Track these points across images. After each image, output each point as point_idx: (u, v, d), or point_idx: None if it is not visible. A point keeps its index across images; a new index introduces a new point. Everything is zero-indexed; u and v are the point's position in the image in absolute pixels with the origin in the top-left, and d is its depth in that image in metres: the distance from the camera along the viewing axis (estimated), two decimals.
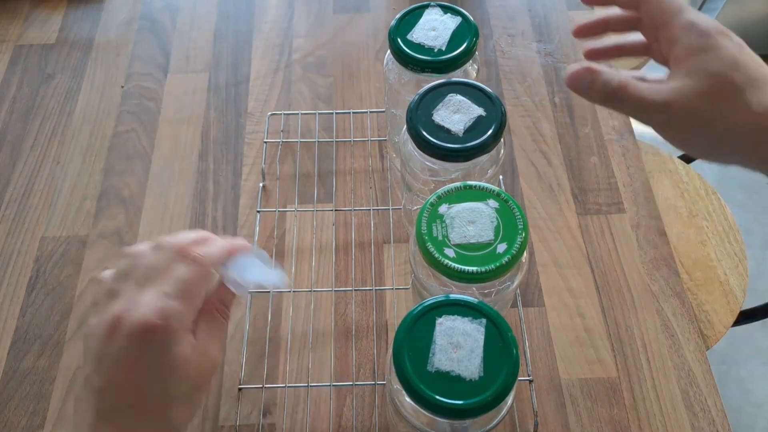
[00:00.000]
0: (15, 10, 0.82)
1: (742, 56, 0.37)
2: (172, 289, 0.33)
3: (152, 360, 0.32)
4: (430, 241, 0.38)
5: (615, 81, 0.37)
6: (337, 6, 0.82)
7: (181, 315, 0.33)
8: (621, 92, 0.37)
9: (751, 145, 0.36)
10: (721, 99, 0.36)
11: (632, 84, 0.37)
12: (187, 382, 0.33)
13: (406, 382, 0.33)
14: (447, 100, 0.43)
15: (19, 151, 0.69)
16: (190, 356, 0.33)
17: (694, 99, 0.36)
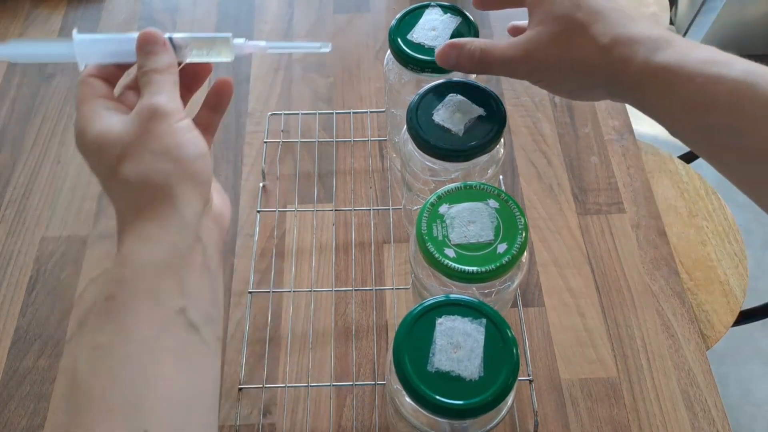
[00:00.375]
0: (15, 10, 0.82)
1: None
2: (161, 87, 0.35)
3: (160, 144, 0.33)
4: (431, 241, 0.38)
5: (477, 49, 0.40)
6: (337, 6, 0.82)
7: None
8: (485, 57, 0.40)
9: (607, 77, 0.37)
10: (569, 39, 0.38)
11: (492, 47, 0.40)
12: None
13: (406, 382, 0.33)
14: (447, 100, 0.43)
15: (19, 151, 0.69)
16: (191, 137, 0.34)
17: (548, 44, 0.38)
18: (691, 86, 0.33)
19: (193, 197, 0.33)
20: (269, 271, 0.60)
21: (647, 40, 0.36)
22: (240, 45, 0.39)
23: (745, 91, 0.31)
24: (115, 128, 0.33)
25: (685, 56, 0.34)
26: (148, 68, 0.35)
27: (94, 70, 0.36)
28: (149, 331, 0.30)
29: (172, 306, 0.31)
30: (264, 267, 0.60)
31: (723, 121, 0.32)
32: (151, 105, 0.33)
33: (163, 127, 0.33)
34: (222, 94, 0.40)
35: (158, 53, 0.36)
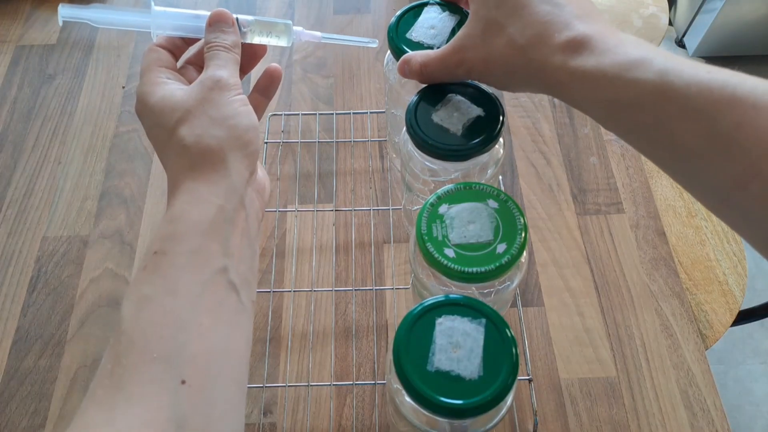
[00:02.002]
0: (16, 11, 0.82)
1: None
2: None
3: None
4: (430, 241, 0.38)
5: (416, 63, 0.42)
6: (337, 6, 0.82)
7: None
8: (425, 68, 0.41)
9: (528, 77, 0.37)
10: (489, 39, 0.38)
11: (431, 57, 0.41)
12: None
13: (406, 382, 0.34)
14: (446, 100, 0.43)
15: (20, 151, 0.69)
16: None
17: (473, 45, 0.38)
18: (611, 90, 0.33)
19: (241, 165, 0.35)
20: (270, 271, 0.60)
21: (564, 43, 0.35)
22: (298, 32, 0.43)
23: (662, 93, 0.30)
24: (178, 94, 0.36)
25: (601, 61, 0.33)
26: (216, 44, 0.38)
27: (162, 40, 0.40)
28: (193, 286, 0.31)
29: (216, 265, 0.32)
30: (264, 267, 0.60)
31: (649, 122, 0.32)
32: (215, 76, 0.36)
33: (223, 97, 0.35)
34: (273, 80, 0.43)
35: (227, 32, 0.39)
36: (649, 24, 1.20)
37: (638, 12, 1.23)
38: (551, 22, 0.35)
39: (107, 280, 0.60)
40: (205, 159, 0.34)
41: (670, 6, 1.39)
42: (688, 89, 0.29)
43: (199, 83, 0.36)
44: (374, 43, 0.45)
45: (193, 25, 0.40)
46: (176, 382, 0.28)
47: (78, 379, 0.55)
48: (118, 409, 0.27)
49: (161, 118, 0.35)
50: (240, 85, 0.37)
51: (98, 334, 0.57)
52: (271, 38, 0.42)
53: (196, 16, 0.40)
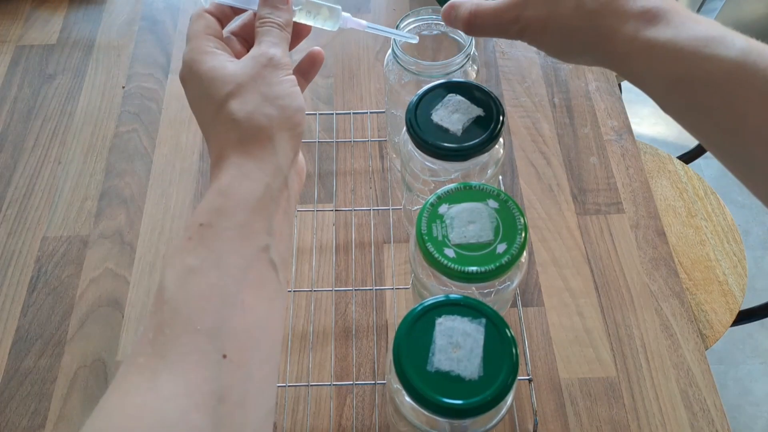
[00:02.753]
0: (16, 11, 0.82)
1: None
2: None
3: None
4: (430, 241, 0.38)
5: (465, 11, 0.39)
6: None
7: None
8: (473, 19, 0.39)
9: (593, 44, 0.35)
10: (558, 1, 0.35)
11: (481, 8, 0.38)
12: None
13: (406, 382, 0.34)
14: (446, 100, 0.43)
15: (20, 151, 0.69)
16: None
17: (538, 3, 0.36)
18: (683, 65, 0.31)
19: (288, 145, 0.35)
20: None
21: (639, 12, 0.33)
22: (345, 18, 0.42)
23: (742, 72, 0.29)
24: (230, 67, 0.35)
25: (677, 34, 0.32)
26: (270, 21, 0.37)
27: (211, 7, 0.39)
28: (238, 261, 0.31)
29: (260, 242, 0.32)
30: None
31: (716, 102, 0.30)
32: (268, 53, 0.35)
33: (275, 76, 0.35)
34: (315, 62, 0.42)
35: (281, 8, 0.38)
36: None
37: None
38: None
39: (107, 280, 0.60)
40: (254, 136, 0.34)
41: None
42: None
43: (252, 59, 0.35)
44: (415, 40, 0.44)
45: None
46: (218, 355, 0.29)
47: (78, 379, 0.55)
48: (160, 377, 0.27)
49: (211, 89, 0.35)
50: (291, 65, 0.37)
51: (98, 334, 0.57)
52: (317, 20, 0.41)
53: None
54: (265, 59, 0.35)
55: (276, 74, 0.35)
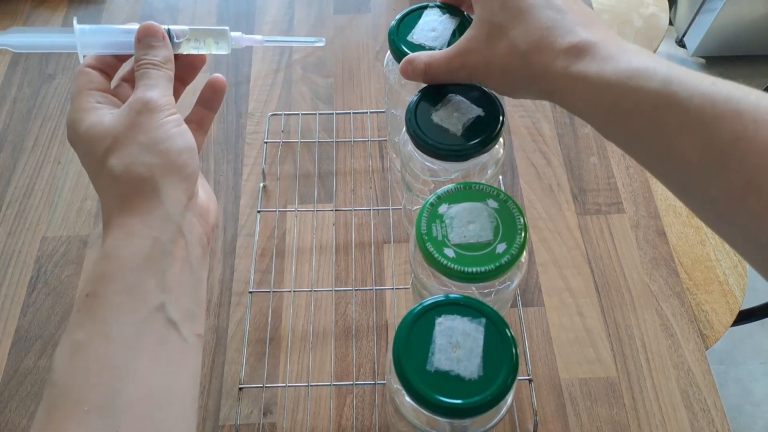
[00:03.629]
0: (16, 11, 0.82)
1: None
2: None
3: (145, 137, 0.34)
4: (430, 241, 0.38)
5: (421, 62, 0.41)
6: (337, 6, 0.82)
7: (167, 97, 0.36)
8: (429, 69, 0.40)
9: (528, 82, 0.36)
10: (492, 43, 0.37)
11: (435, 58, 0.40)
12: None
13: (406, 382, 0.33)
14: (446, 100, 0.43)
15: (20, 151, 0.69)
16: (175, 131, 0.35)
17: (476, 49, 0.38)
18: (611, 97, 0.32)
19: (177, 190, 0.33)
20: (269, 271, 0.60)
21: (567, 48, 0.34)
22: (237, 38, 0.40)
23: (664, 101, 0.30)
24: (106, 121, 0.34)
25: (603, 67, 0.33)
26: (146, 61, 0.36)
27: (92, 60, 0.37)
28: (128, 328, 0.30)
29: (152, 302, 0.31)
30: (264, 267, 0.60)
31: (646, 131, 0.31)
32: (144, 98, 0.34)
33: (153, 120, 0.33)
34: (216, 91, 0.41)
35: (156, 47, 0.37)
36: (649, 24, 1.20)
37: (639, 12, 1.23)
38: (554, 28, 0.35)
39: None
40: (136, 189, 0.32)
41: (670, 6, 1.39)
42: (690, 100, 0.29)
43: (128, 107, 0.34)
44: (321, 42, 0.44)
45: (123, 41, 0.37)
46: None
47: None
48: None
49: (91, 147, 0.33)
50: (173, 104, 0.35)
51: None
52: (208, 46, 0.39)
53: (126, 31, 0.38)
54: (139, 104, 0.34)
55: (154, 118, 0.33)
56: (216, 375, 0.55)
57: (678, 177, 0.31)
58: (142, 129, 0.33)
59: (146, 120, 0.33)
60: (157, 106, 0.34)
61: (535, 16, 0.36)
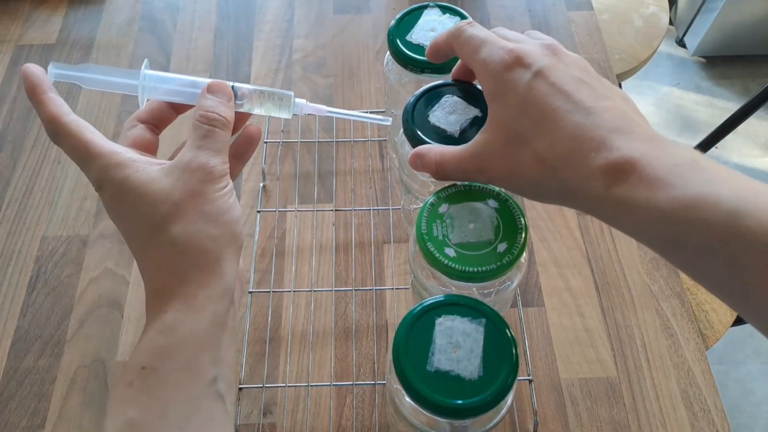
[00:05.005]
0: (16, 11, 0.82)
1: (530, 94, 0.32)
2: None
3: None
4: (431, 241, 0.38)
5: (432, 160, 0.36)
6: (337, 6, 0.82)
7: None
8: (441, 167, 0.36)
9: (561, 198, 0.32)
10: (513, 154, 0.33)
11: (448, 157, 0.36)
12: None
13: (406, 382, 0.33)
14: (443, 101, 0.43)
15: (19, 151, 0.69)
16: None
17: (495, 156, 0.33)
18: (669, 230, 0.27)
19: (234, 260, 0.32)
20: (269, 271, 0.60)
21: (604, 167, 0.29)
22: (300, 104, 0.38)
23: (737, 238, 0.25)
24: (161, 181, 0.31)
25: (654, 195, 0.27)
26: (214, 117, 0.34)
27: (144, 114, 0.36)
28: (183, 407, 0.29)
29: (206, 377, 0.30)
30: (264, 267, 0.60)
31: (718, 265, 0.27)
32: (207, 165, 0.32)
33: (215, 189, 0.32)
34: (252, 142, 0.38)
35: (227, 106, 0.35)
36: (649, 23, 1.20)
37: (639, 11, 1.23)
38: (584, 138, 0.30)
39: (107, 280, 0.60)
40: (199, 260, 0.31)
41: (670, 5, 1.39)
42: (767, 236, 0.25)
43: (188, 171, 0.31)
44: (388, 122, 0.42)
45: (188, 92, 0.36)
46: None
47: (77, 380, 0.55)
48: None
49: (146, 209, 0.31)
50: (228, 168, 0.34)
51: (98, 335, 0.57)
52: (269, 109, 0.38)
53: (191, 82, 0.37)
54: (202, 173, 0.32)
55: (216, 187, 0.32)
56: None
57: (758, 312, 0.27)
58: (207, 199, 0.31)
59: (209, 189, 0.32)
60: (221, 176, 0.32)
61: (560, 124, 0.30)
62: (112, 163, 0.31)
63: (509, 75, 0.33)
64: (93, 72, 0.36)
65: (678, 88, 1.85)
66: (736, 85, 1.84)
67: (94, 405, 0.53)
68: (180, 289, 0.30)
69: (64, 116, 0.33)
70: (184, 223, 0.31)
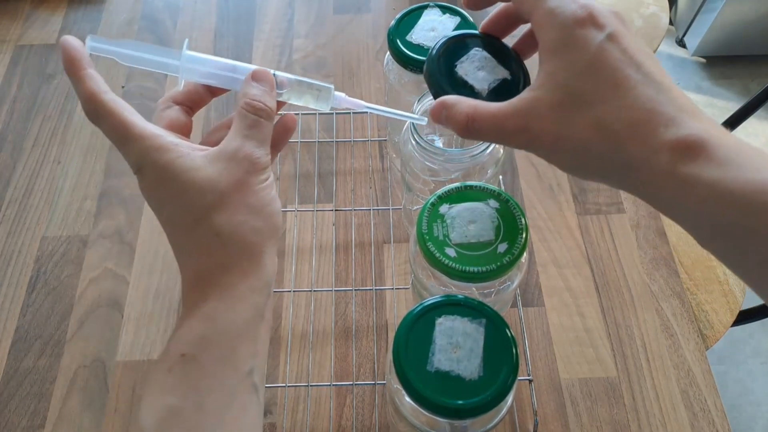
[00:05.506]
0: (16, 11, 0.82)
1: (601, 55, 0.29)
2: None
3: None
4: (431, 241, 0.38)
5: (462, 112, 0.32)
6: (337, 6, 0.82)
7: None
8: (472, 123, 0.32)
9: (618, 171, 0.30)
10: (571, 115, 0.29)
11: (482, 109, 0.32)
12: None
13: (406, 382, 0.33)
14: (472, 54, 0.37)
15: (19, 151, 0.69)
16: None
17: (545, 117, 0.30)
18: (734, 213, 0.26)
19: (274, 254, 0.32)
20: None
21: (675, 141, 0.27)
22: (339, 98, 0.38)
23: None
24: (206, 170, 0.30)
25: (724, 174, 0.26)
26: (260, 106, 0.33)
27: (180, 95, 0.35)
28: (221, 398, 0.29)
29: (244, 369, 0.30)
30: None
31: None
32: (252, 156, 0.31)
33: (259, 180, 0.31)
34: (288, 130, 0.38)
35: (271, 95, 0.34)
36: (649, 23, 1.20)
37: (639, 11, 1.23)
38: (656, 111, 0.28)
39: (107, 280, 0.60)
40: (243, 251, 0.30)
41: (670, 5, 1.39)
42: None
43: (233, 161, 0.31)
44: (423, 121, 0.39)
45: (225, 75, 0.35)
46: None
47: (77, 380, 0.55)
48: None
49: (190, 198, 0.30)
50: (270, 162, 0.33)
51: (98, 334, 0.57)
52: (307, 100, 0.37)
53: (232, 66, 0.36)
54: (248, 164, 0.31)
55: (260, 179, 0.31)
56: None
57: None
58: (251, 190, 0.31)
59: (254, 180, 0.31)
60: (264, 168, 0.32)
61: (632, 93, 0.28)
62: (155, 146, 0.30)
63: (581, 31, 0.29)
64: (133, 48, 0.35)
65: (678, 88, 1.85)
66: (736, 85, 1.84)
67: (94, 405, 0.53)
68: (221, 279, 0.30)
69: (104, 94, 0.32)
70: (229, 213, 0.30)
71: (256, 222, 0.31)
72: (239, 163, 0.31)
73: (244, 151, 0.31)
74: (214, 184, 0.30)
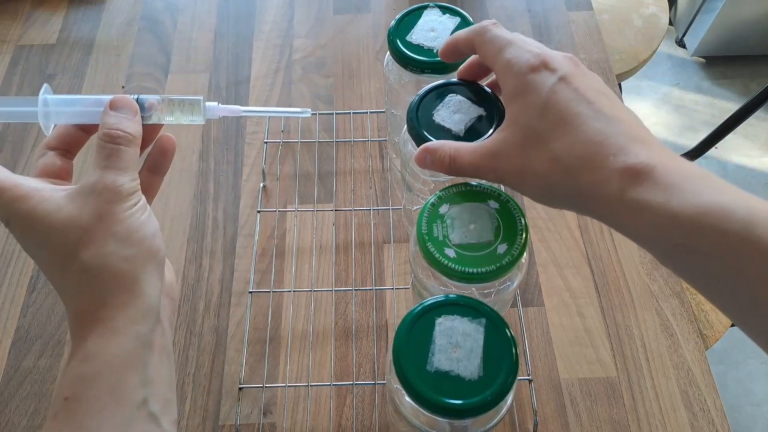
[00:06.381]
0: (16, 11, 0.82)
1: (553, 97, 0.32)
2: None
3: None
4: (431, 241, 0.38)
5: (446, 155, 0.36)
6: (337, 6, 0.82)
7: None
8: (456, 162, 0.36)
9: (574, 200, 0.33)
10: (528, 153, 0.33)
11: (462, 153, 0.36)
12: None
13: (406, 382, 0.33)
14: (447, 100, 0.43)
15: (20, 151, 0.69)
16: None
17: (510, 155, 0.34)
18: (681, 235, 0.28)
19: (154, 278, 0.31)
20: (269, 271, 0.60)
21: (622, 169, 0.30)
22: (212, 108, 0.37)
23: (749, 246, 0.26)
24: (67, 209, 0.30)
25: (669, 198, 0.28)
26: (118, 134, 0.33)
27: (53, 141, 0.35)
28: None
29: (135, 399, 0.29)
30: (264, 267, 0.60)
31: (723, 275, 0.27)
32: (114, 185, 0.31)
33: (124, 208, 0.31)
34: (166, 154, 0.37)
35: (130, 121, 0.34)
36: (649, 23, 1.20)
37: (638, 11, 1.23)
38: (604, 143, 0.30)
39: None
40: (116, 283, 0.30)
41: (670, 5, 1.39)
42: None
43: (95, 194, 0.30)
44: (307, 114, 0.40)
45: (95, 111, 0.34)
46: None
47: None
48: None
49: (54, 240, 0.30)
50: (139, 186, 0.32)
51: None
52: (180, 117, 0.37)
53: (96, 101, 0.35)
54: (109, 194, 0.30)
55: (125, 206, 0.31)
56: (216, 375, 0.55)
57: (760, 322, 0.28)
58: (116, 219, 0.30)
59: (118, 209, 0.30)
60: (129, 194, 0.31)
61: (581, 128, 0.31)
62: (15, 196, 0.30)
63: (534, 76, 0.33)
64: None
65: (678, 88, 1.85)
66: (736, 85, 1.84)
67: None
68: (99, 314, 0.30)
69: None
70: (95, 247, 0.30)
71: (127, 250, 0.30)
72: (99, 194, 0.31)
73: (103, 182, 0.31)
74: (75, 221, 0.30)
